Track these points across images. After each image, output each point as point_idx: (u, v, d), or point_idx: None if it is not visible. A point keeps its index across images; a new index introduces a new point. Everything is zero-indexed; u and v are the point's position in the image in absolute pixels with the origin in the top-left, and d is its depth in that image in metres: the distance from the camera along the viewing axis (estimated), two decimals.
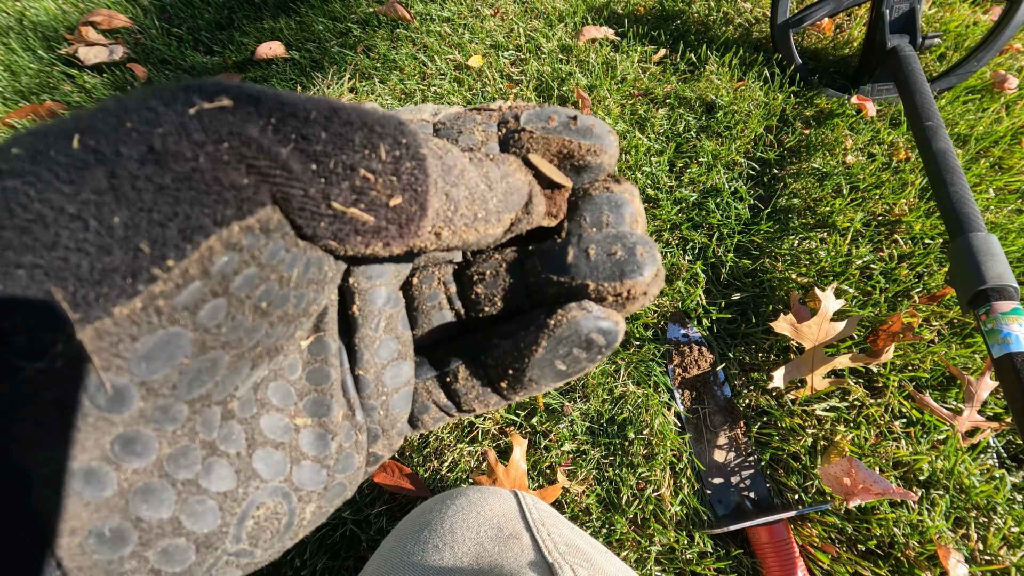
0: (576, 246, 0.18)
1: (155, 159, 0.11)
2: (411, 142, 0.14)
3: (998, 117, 1.19)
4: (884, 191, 1.08)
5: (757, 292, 1.00)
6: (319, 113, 0.13)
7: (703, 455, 0.88)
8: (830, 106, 1.23)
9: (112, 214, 0.11)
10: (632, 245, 0.18)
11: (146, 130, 0.11)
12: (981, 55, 1.15)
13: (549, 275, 0.18)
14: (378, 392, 0.18)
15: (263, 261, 0.13)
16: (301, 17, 1.55)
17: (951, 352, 0.89)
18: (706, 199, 1.11)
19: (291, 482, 0.16)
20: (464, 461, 0.86)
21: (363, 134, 0.13)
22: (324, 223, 0.13)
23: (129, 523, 0.12)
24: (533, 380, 0.19)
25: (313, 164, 0.13)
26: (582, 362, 0.18)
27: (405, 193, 0.14)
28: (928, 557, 0.76)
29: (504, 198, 0.17)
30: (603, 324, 0.17)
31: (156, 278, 0.11)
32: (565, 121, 0.19)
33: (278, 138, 0.12)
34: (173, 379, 0.12)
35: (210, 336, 0.12)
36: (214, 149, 0.12)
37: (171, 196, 0.11)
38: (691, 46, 1.36)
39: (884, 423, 0.86)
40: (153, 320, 0.11)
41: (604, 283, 0.18)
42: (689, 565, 0.79)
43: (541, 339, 0.18)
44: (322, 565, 0.79)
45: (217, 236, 0.12)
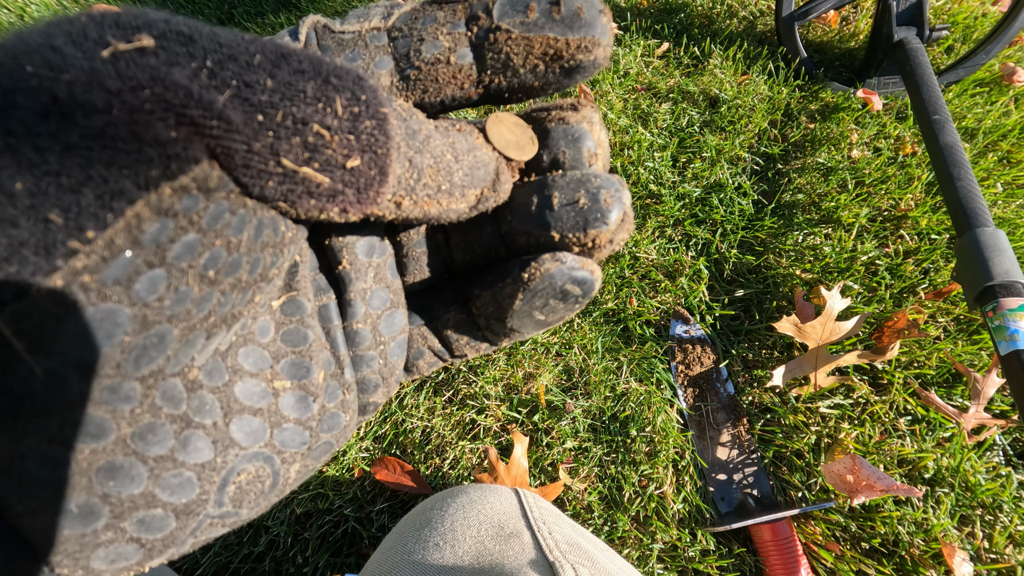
0: (540, 194, 0.17)
1: (60, 112, 0.10)
2: (371, 98, 0.13)
3: (1007, 111, 1.17)
4: (890, 186, 1.07)
5: (761, 288, 0.99)
6: (264, 57, 0.11)
7: (706, 452, 0.87)
8: (835, 100, 1.22)
9: (12, 179, 0.09)
10: (596, 190, 0.17)
11: (49, 76, 0.10)
12: (990, 47, 1.13)
13: (519, 226, 0.18)
14: (376, 342, 0.18)
15: (204, 226, 0.11)
16: (301, 12, 1.55)
17: (957, 349, 0.88)
18: (709, 195, 1.10)
19: (272, 446, 0.15)
20: (465, 458, 0.86)
21: (316, 84, 0.12)
22: (273, 182, 0.12)
23: (96, 498, 0.12)
24: (515, 329, 0.19)
25: (258, 115, 0.11)
26: (560, 311, 0.18)
27: (364, 154, 0.12)
28: (933, 555, 0.76)
29: (470, 172, 0.16)
30: (577, 274, 0.17)
31: (76, 251, 0.10)
32: (547, 9, 0.16)
33: (213, 84, 0.11)
34: (115, 358, 0.11)
35: (151, 310, 0.11)
36: (132, 98, 0.10)
37: (82, 156, 0.10)
38: (695, 40, 1.35)
39: (889, 420, 0.86)
40: (80, 297, 0.10)
41: (569, 234, 0.17)
42: (691, 563, 0.79)
43: (517, 292, 0.17)
44: (324, 562, 0.79)
45: (144, 201, 0.10)
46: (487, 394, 0.89)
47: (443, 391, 0.91)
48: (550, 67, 0.17)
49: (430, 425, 0.88)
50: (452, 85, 0.17)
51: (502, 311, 0.18)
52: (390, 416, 0.89)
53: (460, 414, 0.89)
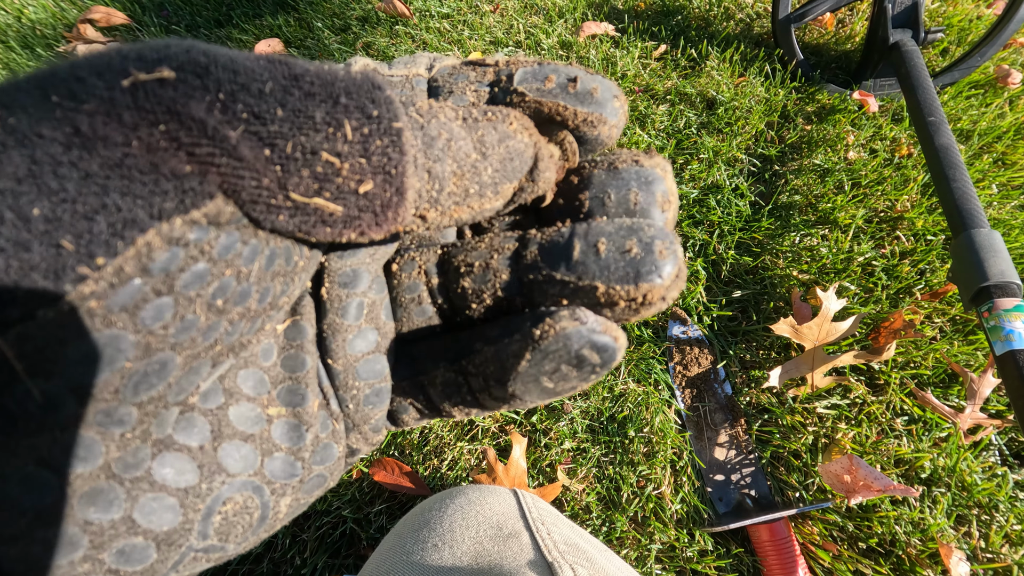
0: (583, 239, 0.15)
1: (81, 143, 0.10)
2: (383, 114, 0.12)
3: (1001, 112, 1.18)
4: (886, 187, 1.07)
5: (758, 289, 1.00)
6: (276, 84, 0.11)
7: (704, 453, 0.87)
8: (832, 102, 1.22)
9: (31, 205, 0.09)
10: (650, 240, 0.15)
11: (71, 107, 0.10)
12: (984, 50, 1.14)
13: (551, 272, 0.15)
14: (348, 385, 0.17)
15: (214, 256, 0.11)
16: (300, 14, 1.55)
17: (953, 349, 0.89)
18: (707, 196, 1.10)
19: (262, 475, 0.15)
20: (464, 459, 0.86)
21: (326, 109, 0.12)
22: (284, 216, 0.12)
23: (77, 528, 0.11)
24: (516, 395, 0.16)
25: (266, 149, 0.11)
26: (572, 380, 0.16)
27: (377, 177, 0.12)
28: (930, 555, 0.76)
29: (502, 166, 0.15)
30: (598, 339, 0.14)
31: (85, 277, 0.10)
32: (564, 83, 0.16)
33: (226, 118, 0.11)
34: (115, 383, 0.11)
35: (155, 338, 0.11)
36: (148, 133, 0.10)
37: (98, 186, 0.10)
38: (692, 42, 1.35)
39: (886, 420, 0.86)
40: (85, 323, 0.10)
41: (616, 286, 0.15)
42: (689, 563, 0.79)
43: (524, 351, 0.15)
44: (322, 563, 0.79)
45: (156, 231, 0.10)
46: None
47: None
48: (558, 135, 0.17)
49: (428, 426, 0.88)
50: None
51: (504, 372, 0.16)
52: None
53: None
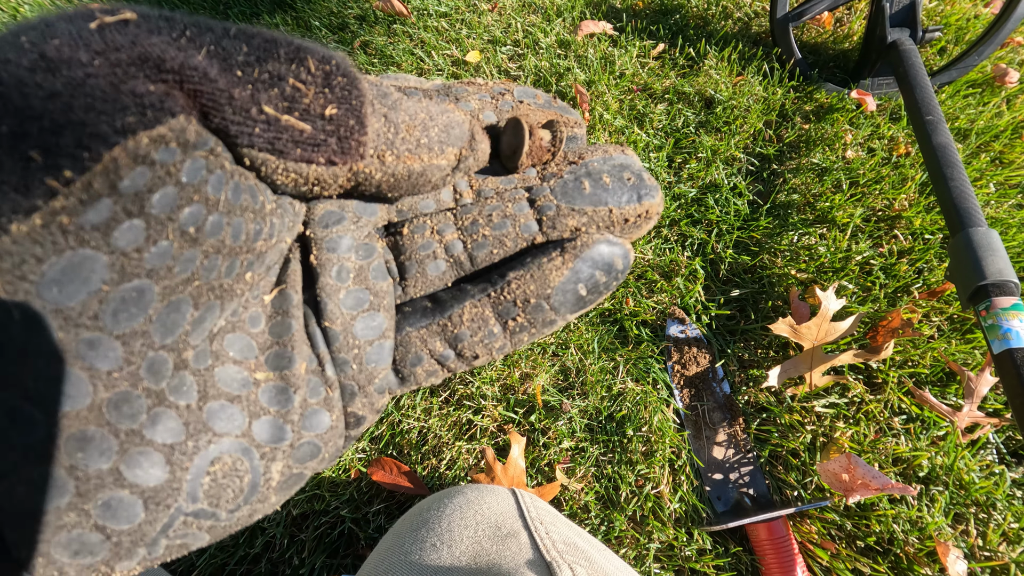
0: (589, 177, 0.19)
1: (47, 66, 0.10)
2: (341, 62, 0.14)
3: (999, 111, 1.18)
4: (884, 186, 1.08)
5: (756, 288, 1.00)
6: (239, 31, 0.12)
7: (702, 452, 0.87)
8: (830, 101, 1.22)
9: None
10: (639, 171, 0.20)
11: (39, 40, 0.10)
12: (982, 49, 1.14)
13: (572, 205, 0.19)
14: (348, 345, 0.17)
15: (182, 180, 0.12)
16: (297, 12, 1.54)
17: (951, 348, 0.89)
18: (705, 195, 1.10)
19: (250, 437, 0.15)
20: (462, 459, 0.86)
21: (288, 49, 0.13)
22: (259, 128, 0.12)
23: (63, 470, 0.11)
24: (554, 308, 0.19)
25: (237, 71, 0.12)
26: (600, 288, 0.19)
27: (341, 105, 0.13)
28: (927, 553, 0.76)
29: (445, 130, 0.17)
30: (620, 249, 0.19)
31: (55, 192, 0.10)
32: (548, 98, 0.22)
33: (192, 46, 0.11)
34: (93, 307, 0.11)
35: (130, 261, 0.11)
36: (114, 55, 0.11)
37: (63, 103, 0.10)
38: (690, 41, 1.35)
39: (883, 419, 0.86)
40: (58, 240, 0.10)
41: (626, 206, 0.19)
42: (688, 562, 0.79)
43: (567, 261, 0.19)
44: (320, 563, 0.78)
45: (121, 147, 0.11)
46: (484, 394, 0.89)
47: (440, 392, 0.90)
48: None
49: (427, 425, 0.88)
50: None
51: (547, 285, 0.19)
52: (387, 417, 0.89)
53: (457, 414, 0.89)
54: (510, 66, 1.34)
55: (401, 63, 1.35)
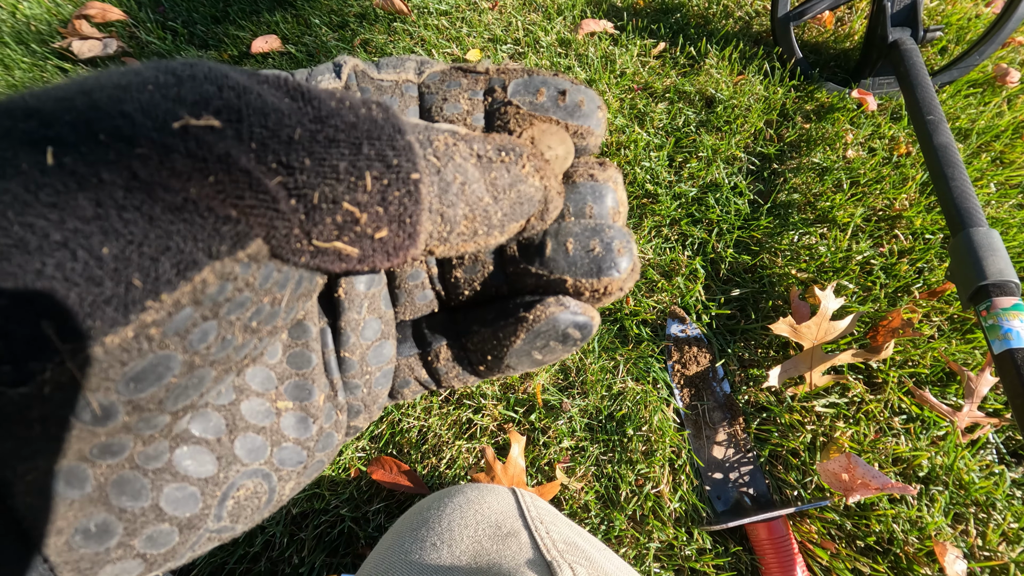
0: (555, 239, 0.18)
1: (141, 188, 0.11)
2: (403, 163, 0.13)
3: (1000, 111, 1.18)
4: (885, 186, 1.07)
5: (757, 288, 1.00)
6: (304, 130, 0.12)
7: (702, 451, 0.87)
8: (831, 100, 1.22)
9: (101, 245, 0.10)
10: (610, 240, 0.18)
11: (125, 149, 0.11)
12: (983, 48, 1.14)
13: (527, 266, 0.18)
14: (362, 372, 0.18)
15: (256, 286, 0.12)
16: (297, 10, 1.54)
17: (951, 348, 0.89)
18: (705, 194, 1.10)
19: (272, 464, 0.16)
20: (462, 458, 0.86)
21: (349, 159, 0.12)
22: (306, 258, 0.13)
23: (113, 516, 0.12)
24: (511, 366, 0.20)
25: (294, 199, 0.12)
26: (557, 351, 0.19)
27: (392, 224, 0.13)
28: (927, 553, 0.76)
29: (511, 209, 0.16)
30: (579, 319, 0.18)
31: (148, 308, 0.11)
32: (554, 96, 0.18)
33: (263, 169, 0.12)
34: (160, 396, 0.12)
35: (199, 357, 0.12)
36: (201, 179, 0.11)
37: (162, 229, 0.11)
38: (691, 40, 1.35)
39: (884, 419, 0.86)
40: (143, 347, 0.11)
41: (582, 279, 0.18)
42: (688, 562, 0.79)
43: (520, 332, 0.18)
44: (320, 562, 0.78)
45: (211, 268, 0.11)
46: (484, 393, 0.89)
47: (439, 391, 0.90)
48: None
49: (427, 425, 0.88)
50: None
51: (500, 349, 0.19)
52: (387, 416, 0.89)
53: (457, 414, 0.89)
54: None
55: None
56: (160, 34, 1.52)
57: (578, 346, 0.19)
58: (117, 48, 1.48)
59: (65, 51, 1.48)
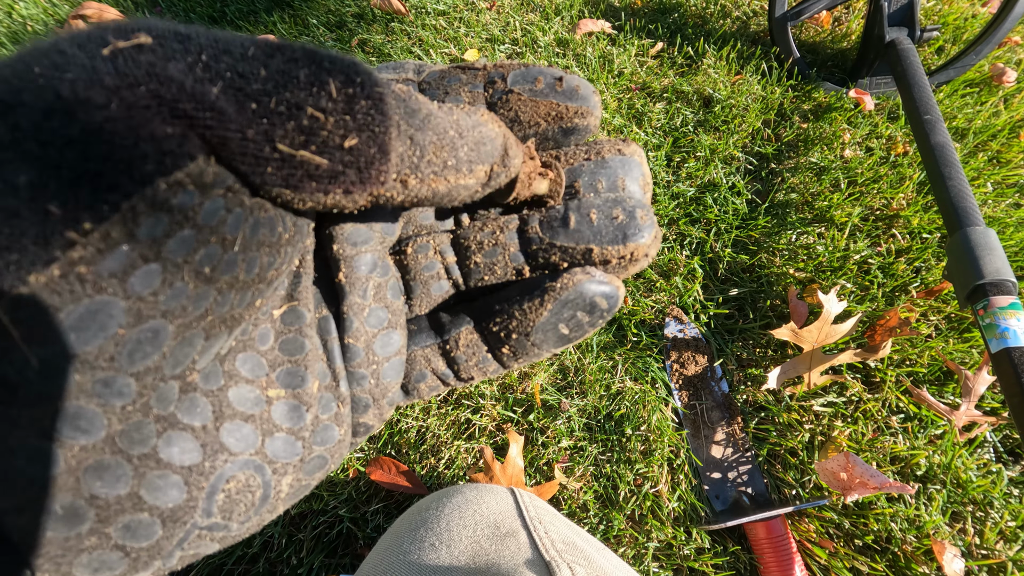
0: (577, 211, 0.18)
1: (62, 108, 0.10)
2: (366, 80, 0.13)
3: (996, 111, 1.18)
4: (882, 185, 1.08)
5: (755, 287, 1.00)
6: (259, 49, 0.12)
7: (700, 451, 0.87)
8: (828, 100, 1.22)
9: (16, 173, 0.10)
10: (632, 208, 0.18)
11: (54, 75, 0.10)
12: (980, 48, 1.14)
13: (552, 241, 0.18)
14: (368, 361, 0.18)
15: (199, 222, 0.11)
16: (295, 10, 1.54)
17: (949, 347, 0.89)
18: (703, 194, 1.10)
19: (263, 454, 0.15)
20: (461, 458, 0.86)
21: (309, 70, 0.12)
22: (272, 167, 0.12)
23: (83, 500, 0.12)
24: (536, 344, 0.19)
25: (252, 103, 0.11)
26: (584, 326, 0.19)
27: (362, 133, 0.12)
28: (925, 552, 0.76)
29: (476, 147, 0.16)
30: (606, 288, 0.18)
31: (73, 243, 0.10)
32: (551, 83, 0.19)
33: (207, 76, 0.11)
34: (109, 350, 0.11)
35: (146, 304, 0.11)
36: (129, 94, 0.10)
37: (80, 150, 0.10)
38: (688, 40, 1.35)
39: (881, 418, 0.86)
40: (76, 288, 0.10)
41: (608, 246, 0.18)
42: (687, 561, 0.79)
43: (547, 303, 0.18)
44: (319, 563, 0.78)
45: (140, 195, 0.10)
46: (482, 393, 0.89)
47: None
48: (551, 125, 0.20)
49: (425, 425, 0.88)
50: None
51: (527, 324, 0.18)
52: None
53: (455, 414, 0.88)
54: None
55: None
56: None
57: (604, 319, 0.19)
58: None
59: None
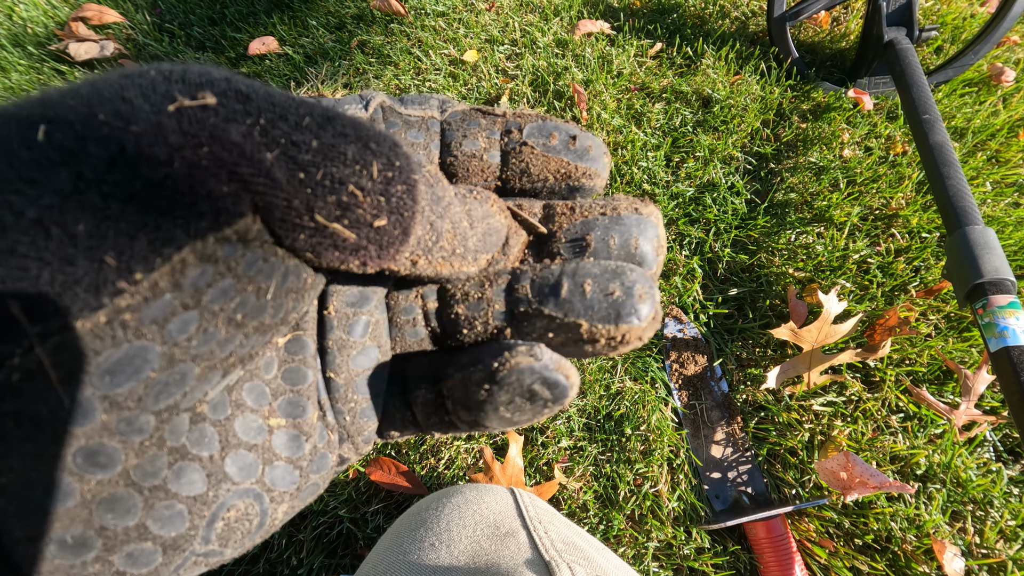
0: (571, 278, 0.17)
1: (126, 162, 0.10)
2: (404, 165, 0.13)
3: (995, 110, 1.18)
4: (881, 185, 1.08)
5: (754, 287, 1.00)
6: (312, 120, 0.12)
7: (700, 451, 0.87)
8: (827, 100, 1.23)
9: (76, 222, 0.10)
10: (631, 284, 0.16)
11: (119, 126, 0.10)
12: (978, 48, 1.14)
13: (540, 307, 0.17)
14: (347, 398, 0.18)
15: (239, 272, 0.12)
16: (294, 12, 1.54)
17: (948, 346, 0.89)
18: (703, 194, 1.10)
19: (263, 483, 0.15)
20: (461, 458, 0.86)
21: (356, 149, 0.13)
22: (304, 235, 0.12)
23: (92, 532, 0.12)
24: (478, 422, 0.18)
25: (300, 173, 0.12)
26: (527, 412, 0.17)
27: (392, 215, 0.13)
28: (925, 551, 0.76)
29: (483, 238, 0.17)
30: (549, 375, 0.16)
31: (122, 291, 0.10)
32: (565, 140, 0.19)
33: (264, 142, 0.11)
34: (139, 392, 0.11)
35: (179, 349, 0.12)
36: (192, 154, 0.11)
37: (141, 204, 0.10)
38: (687, 40, 1.35)
39: (881, 417, 0.86)
40: (118, 334, 0.11)
41: (598, 324, 0.16)
42: (687, 561, 0.79)
43: (483, 382, 0.16)
44: (319, 563, 0.78)
45: (191, 248, 0.11)
46: None
47: None
48: (559, 182, 0.20)
49: None
50: (478, 176, 0.20)
51: (468, 399, 0.17)
52: None
53: None
54: (507, 65, 1.34)
55: (399, 63, 1.35)
56: (157, 36, 1.52)
57: (550, 409, 0.17)
58: (114, 50, 1.48)
59: (62, 53, 1.47)
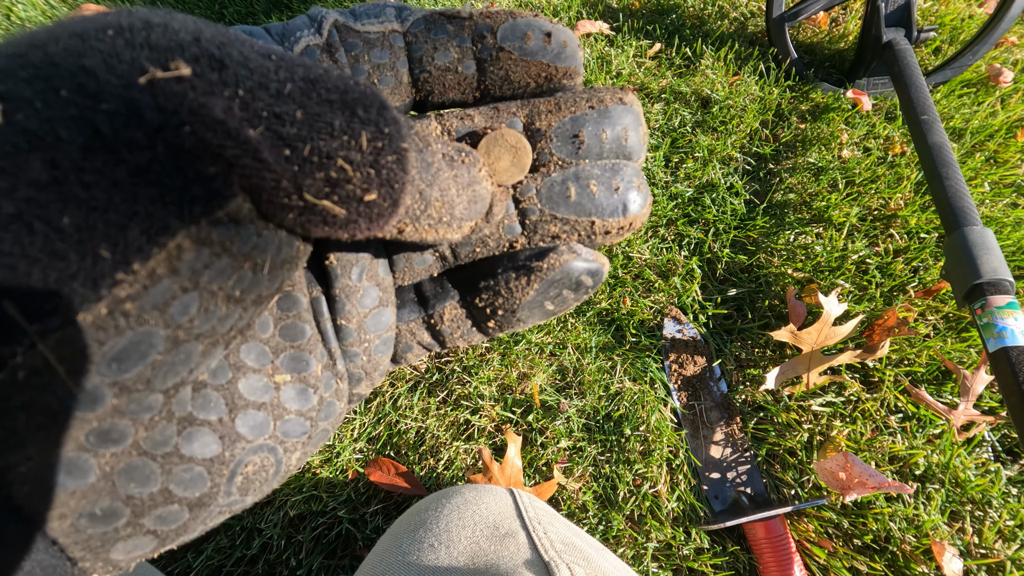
0: (576, 182, 0.18)
1: (104, 146, 0.10)
2: (394, 132, 0.13)
3: (993, 111, 1.19)
4: (880, 185, 1.08)
5: (753, 288, 1.00)
6: (294, 86, 0.12)
7: (699, 451, 0.87)
8: (826, 100, 1.23)
9: (60, 214, 0.09)
10: (630, 178, 0.19)
11: (87, 105, 0.10)
12: (977, 48, 1.15)
13: (554, 213, 0.18)
14: (360, 339, 0.18)
15: (235, 251, 0.12)
16: (293, 12, 1.54)
17: (947, 346, 0.89)
18: (702, 194, 1.10)
19: (276, 437, 0.16)
20: (460, 459, 0.86)
21: (344, 118, 0.12)
22: (292, 214, 0.12)
23: (120, 502, 0.12)
24: (521, 319, 0.19)
25: (287, 150, 0.11)
26: (568, 301, 0.19)
27: (382, 188, 0.13)
28: (924, 551, 0.76)
29: (469, 206, 0.17)
30: (592, 266, 0.18)
31: (120, 282, 0.10)
32: (541, 39, 0.19)
33: (246, 117, 0.11)
34: (147, 375, 0.11)
35: (183, 331, 0.12)
36: (174, 136, 0.10)
37: (128, 193, 0.10)
38: (686, 40, 1.36)
39: (880, 418, 0.86)
40: (120, 323, 0.10)
41: (609, 218, 0.18)
42: (686, 561, 0.79)
43: (534, 282, 0.18)
44: (318, 564, 0.78)
45: (186, 234, 0.11)
46: (481, 394, 0.89)
47: (437, 392, 0.90)
48: (540, 85, 0.19)
49: (424, 426, 0.88)
50: (455, 91, 0.19)
51: (513, 302, 0.19)
52: (384, 417, 0.88)
53: (454, 415, 0.88)
54: None
55: None
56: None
57: (589, 294, 0.19)
58: None
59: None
